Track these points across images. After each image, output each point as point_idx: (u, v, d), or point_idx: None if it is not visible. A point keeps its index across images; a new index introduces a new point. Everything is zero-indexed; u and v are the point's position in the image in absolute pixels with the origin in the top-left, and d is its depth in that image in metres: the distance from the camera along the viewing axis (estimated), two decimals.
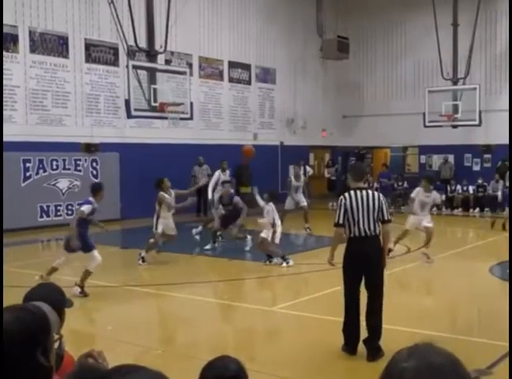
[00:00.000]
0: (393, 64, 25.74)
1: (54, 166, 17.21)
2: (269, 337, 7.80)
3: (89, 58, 18.23)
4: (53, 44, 17.32)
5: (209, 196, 14.96)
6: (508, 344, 6.00)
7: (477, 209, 21.76)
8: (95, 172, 18.13)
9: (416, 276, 11.49)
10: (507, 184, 20.40)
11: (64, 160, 17.41)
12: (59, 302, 2.78)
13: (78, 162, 17.76)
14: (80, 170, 17.79)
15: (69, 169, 17.54)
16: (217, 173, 15.33)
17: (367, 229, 6.44)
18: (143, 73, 16.53)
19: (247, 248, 13.32)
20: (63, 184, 17.40)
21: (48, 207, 17.07)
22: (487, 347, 6.86)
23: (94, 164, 18.12)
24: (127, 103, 16.25)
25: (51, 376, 1.93)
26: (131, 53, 17.19)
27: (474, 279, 10.91)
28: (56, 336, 2.14)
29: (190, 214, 18.76)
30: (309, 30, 25.01)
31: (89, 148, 17.91)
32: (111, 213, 18.21)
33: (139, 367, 1.50)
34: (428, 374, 1.29)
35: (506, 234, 14.03)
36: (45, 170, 17.00)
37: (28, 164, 16.63)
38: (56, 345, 2.20)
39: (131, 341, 7.14)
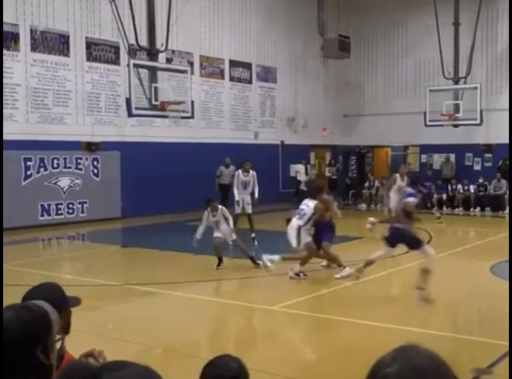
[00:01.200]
0: (394, 63, 25.72)
1: (55, 165, 17.21)
2: (269, 336, 7.79)
3: (90, 57, 18.22)
4: (54, 43, 17.32)
5: (236, 197, 14.16)
6: (508, 343, 5.99)
7: (478, 208, 21.75)
8: (96, 171, 18.14)
9: (416, 276, 11.46)
10: None
11: (65, 159, 17.41)
12: (59, 301, 2.77)
13: (79, 160, 17.76)
14: (81, 169, 17.79)
15: (70, 167, 17.54)
16: (237, 173, 14.49)
17: None
18: (144, 72, 16.54)
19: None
20: (64, 182, 17.40)
21: (49, 205, 17.07)
22: (488, 346, 6.85)
23: (95, 163, 18.12)
24: (128, 101, 16.27)
25: (52, 374, 1.93)
26: (132, 51, 17.19)
27: (475, 279, 10.89)
28: (58, 336, 2.14)
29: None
30: (310, 29, 24.99)
31: (90, 147, 17.92)
32: (112, 212, 18.25)
33: (127, 363, 1.50)
34: (411, 378, 1.27)
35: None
36: (46, 169, 17.00)
37: (28, 163, 16.62)
38: (58, 345, 2.20)
39: (131, 340, 7.14)
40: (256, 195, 14.32)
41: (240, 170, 14.44)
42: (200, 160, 19.91)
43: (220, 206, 11.56)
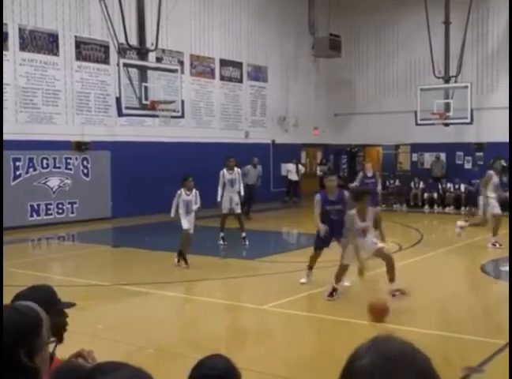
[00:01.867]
0: (385, 62, 25.75)
1: (45, 165, 17.11)
2: (260, 335, 7.77)
3: (80, 56, 18.12)
4: (43, 42, 17.21)
5: (218, 198, 13.67)
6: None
7: (468, 207, 21.79)
8: (85, 171, 18.05)
9: (407, 274, 11.47)
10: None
11: (54, 159, 17.31)
12: (50, 303, 2.74)
13: (69, 160, 17.66)
14: (70, 169, 17.69)
15: (59, 167, 17.45)
16: (222, 172, 13.87)
17: None
18: (134, 71, 16.47)
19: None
20: (54, 182, 17.30)
21: (39, 206, 16.96)
22: (479, 345, 6.85)
23: (85, 163, 18.03)
24: (118, 101, 16.19)
25: (38, 377, 1.89)
26: (122, 51, 17.11)
27: (465, 277, 10.91)
28: (52, 339, 2.10)
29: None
30: (301, 28, 24.99)
31: (80, 147, 17.83)
32: (102, 212, 18.16)
33: (121, 364, 1.47)
34: (383, 368, 1.28)
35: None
36: (35, 169, 16.89)
37: (17, 163, 16.51)
38: (51, 348, 2.17)
39: (122, 340, 7.10)
40: (242, 192, 14.08)
41: (225, 169, 13.93)
42: (190, 160, 19.84)
43: (194, 189, 11.48)
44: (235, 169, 13.99)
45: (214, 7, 21.97)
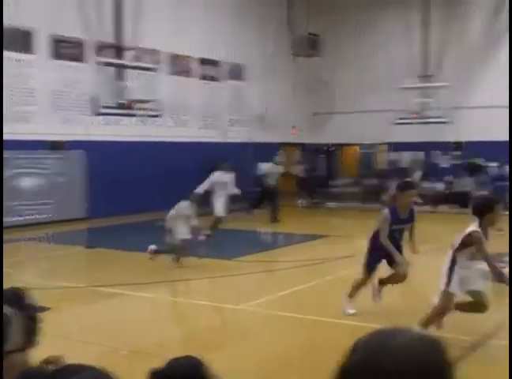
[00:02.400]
0: (364, 61, 25.78)
1: (19, 165, 16.79)
2: (237, 335, 7.69)
3: (56, 54, 17.85)
4: (18, 39, 16.92)
5: (200, 190, 13.47)
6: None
7: (446, 206, 21.89)
8: (60, 170, 17.77)
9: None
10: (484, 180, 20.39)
11: (29, 159, 17.00)
12: (18, 306, 2.62)
13: (43, 160, 17.39)
14: (45, 169, 17.42)
15: (34, 167, 17.16)
16: (215, 174, 14.01)
17: None
18: (111, 70, 16.31)
19: None
20: (28, 183, 17.01)
21: (12, 207, 16.62)
22: (458, 343, 6.83)
23: (60, 162, 17.76)
24: (94, 100, 16.01)
25: None
26: (99, 49, 16.92)
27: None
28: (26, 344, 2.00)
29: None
30: (280, 27, 24.93)
31: (55, 146, 17.55)
32: (78, 212, 17.93)
33: (83, 367, 1.39)
34: (367, 370, 1.18)
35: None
36: (9, 169, 16.58)
37: None
38: (19, 355, 2.07)
39: (96, 342, 7.01)
40: (238, 192, 14.37)
41: (220, 172, 14.13)
42: (168, 159, 19.70)
43: None
44: (228, 172, 14.22)
45: (193, 5, 21.81)
